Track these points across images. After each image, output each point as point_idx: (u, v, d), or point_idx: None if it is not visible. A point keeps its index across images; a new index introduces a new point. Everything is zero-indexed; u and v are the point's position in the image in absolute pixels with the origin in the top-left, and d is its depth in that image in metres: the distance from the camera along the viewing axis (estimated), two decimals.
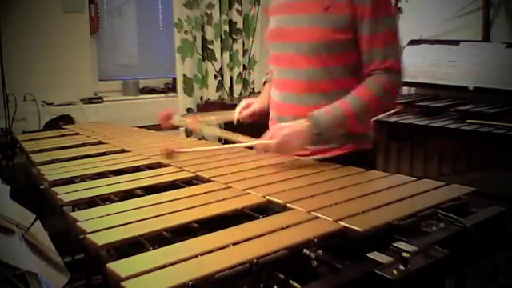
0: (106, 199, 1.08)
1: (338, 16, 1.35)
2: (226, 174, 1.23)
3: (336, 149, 1.44)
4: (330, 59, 1.39)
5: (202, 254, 0.73)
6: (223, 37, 3.34)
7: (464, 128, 1.89)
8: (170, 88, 3.43)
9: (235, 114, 1.71)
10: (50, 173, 1.32)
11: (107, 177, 1.28)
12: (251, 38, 3.46)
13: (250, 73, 3.52)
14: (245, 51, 3.49)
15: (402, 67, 1.38)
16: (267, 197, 1.02)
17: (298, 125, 1.31)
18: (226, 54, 3.37)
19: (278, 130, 1.30)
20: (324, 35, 1.37)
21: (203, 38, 3.28)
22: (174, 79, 3.32)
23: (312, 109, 1.38)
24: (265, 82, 1.74)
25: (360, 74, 1.40)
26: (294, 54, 1.44)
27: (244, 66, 3.50)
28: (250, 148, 1.44)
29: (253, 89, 3.53)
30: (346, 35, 1.37)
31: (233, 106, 2.54)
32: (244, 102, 1.72)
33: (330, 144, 1.43)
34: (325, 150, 1.44)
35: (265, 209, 0.99)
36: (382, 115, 2.22)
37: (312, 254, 0.74)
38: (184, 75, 3.22)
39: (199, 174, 1.25)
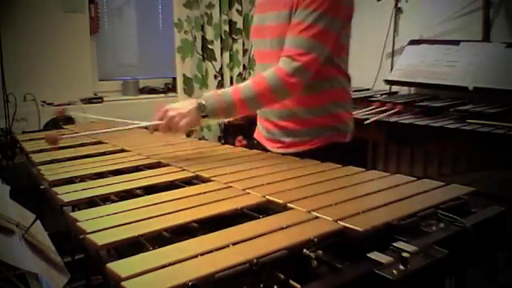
0: (105, 199, 1.08)
1: (291, 10, 1.42)
2: (226, 174, 1.23)
3: (308, 142, 1.50)
4: None
5: (201, 254, 0.73)
6: (223, 37, 3.34)
7: (464, 128, 1.89)
8: (170, 88, 3.43)
9: None
10: (50, 173, 1.32)
11: (107, 177, 1.28)
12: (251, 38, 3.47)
13: (250, 73, 3.52)
14: (245, 51, 3.49)
15: (306, 60, 1.35)
16: (267, 197, 1.02)
17: (185, 105, 1.37)
18: (226, 54, 3.37)
19: (166, 111, 1.37)
20: (283, 30, 1.43)
21: (203, 38, 3.28)
22: (174, 79, 3.32)
23: (289, 103, 1.48)
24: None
25: (337, 61, 1.47)
26: (268, 49, 1.51)
27: (244, 65, 3.50)
28: (146, 128, 1.49)
29: None
30: None
31: None
32: None
33: (300, 137, 1.51)
34: (296, 143, 1.51)
35: (265, 209, 0.99)
36: (381, 115, 2.22)
37: (312, 254, 0.74)
38: (184, 75, 3.22)
39: (199, 173, 1.25)
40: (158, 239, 0.83)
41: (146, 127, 1.45)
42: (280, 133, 1.55)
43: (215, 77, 3.35)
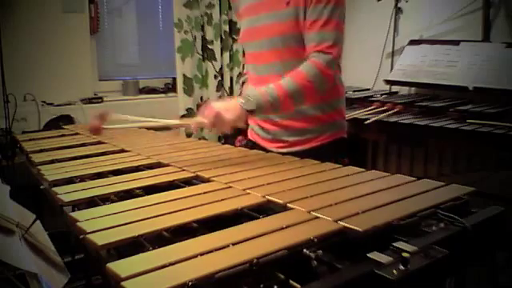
0: (105, 199, 1.08)
1: (297, 8, 1.44)
2: (226, 174, 1.23)
3: (313, 139, 1.52)
4: (299, 50, 1.46)
5: (201, 254, 0.73)
6: (223, 37, 3.34)
7: (464, 128, 1.89)
8: (170, 88, 3.43)
9: None
10: (50, 173, 1.32)
11: (107, 177, 1.28)
12: None
13: None
14: (245, 51, 3.49)
15: (336, 52, 1.42)
16: (267, 197, 1.02)
17: (230, 102, 1.37)
18: (226, 54, 3.37)
19: (212, 108, 1.33)
20: (289, 28, 1.45)
21: (203, 38, 3.28)
22: (174, 79, 3.32)
23: None
24: (243, 83, 1.80)
25: None
26: (265, 50, 1.53)
27: (244, 65, 3.50)
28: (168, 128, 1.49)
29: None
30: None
31: None
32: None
33: (306, 135, 1.52)
34: (302, 141, 1.53)
35: (265, 209, 0.99)
36: (381, 115, 2.22)
37: (312, 254, 0.74)
38: (184, 75, 3.22)
39: (199, 173, 1.25)
40: (158, 239, 0.83)
41: (178, 126, 1.42)
42: (283, 132, 1.55)
43: (215, 77, 3.35)
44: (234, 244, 0.77)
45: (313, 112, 1.52)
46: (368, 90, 2.89)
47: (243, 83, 1.81)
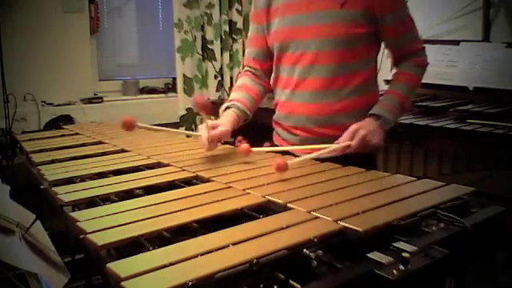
0: (106, 199, 1.08)
1: (354, 11, 1.42)
2: (226, 174, 1.23)
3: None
4: (347, 54, 1.45)
5: (201, 254, 0.73)
6: (223, 37, 3.34)
7: (464, 128, 1.89)
8: (170, 88, 3.43)
9: (204, 136, 1.41)
10: (50, 173, 1.32)
11: (107, 177, 1.27)
12: None
13: None
14: (245, 51, 3.49)
15: (423, 44, 1.53)
16: (267, 197, 1.02)
17: (370, 124, 1.38)
18: (226, 54, 3.37)
19: (356, 132, 1.35)
20: (342, 30, 1.43)
21: (203, 38, 3.28)
22: (174, 79, 3.32)
23: (328, 106, 1.47)
24: (227, 108, 1.58)
25: (372, 65, 1.54)
26: (310, 51, 1.47)
27: (244, 66, 3.49)
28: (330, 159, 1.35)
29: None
30: (362, 29, 1.43)
31: None
32: (209, 124, 1.42)
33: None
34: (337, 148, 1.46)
35: (265, 209, 0.99)
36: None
37: (312, 254, 0.74)
38: (184, 75, 3.22)
39: (199, 173, 1.25)
40: (158, 239, 0.83)
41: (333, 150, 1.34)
42: (315, 139, 1.48)
43: (215, 77, 3.35)
44: (233, 244, 0.77)
45: (346, 120, 1.45)
46: None
47: (227, 108, 1.58)
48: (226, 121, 1.53)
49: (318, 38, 1.45)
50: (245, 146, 1.35)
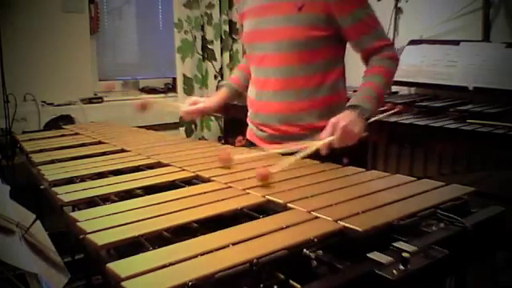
0: (106, 199, 1.08)
1: (312, 14, 1.44)
2: (226, 174, 1.23)
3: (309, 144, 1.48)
4: (307, 56, 1.48)
5: (201, 254, 0.73)
6: (223, 37, 3.34)
7: (464, 128, 1.89)
8: (170, 88, 3.43)
9: (182, 108, 1.80)
10: (50, 173, 1.32)
11: (107, 177, 1.28)
12: None
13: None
14: (245, 51, 3.49)
15: (391, 41, 1.57)
16: (267, 197, 1.02)
17: (349, 115, 1.36)
18: (226, 54, 3.37)
19: (336, 125, 1.33)
20: (300, 33, 1.46)
21: (203, 38, 3.28)
22: (174, 79, 3.32)
23: (289, 105, 1.51)
24: (220, 87, 1.88)
25: (338, 66, 1.54)
26: (271, 53, 1.52)
27: None
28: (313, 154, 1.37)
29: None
30: (322, 32, 1.46)
31: (233, 106, 2.55)
32: (192, 99, 1.82)
33: (302, 140, 1.46)
34: (298, 144, 1.48)
35: (265, 209, 0.99)
36: (382, 115, 2.22)
37: (312, 254, 0.74)
38: (184, 75, 3.22)
39: (199, 173, 1.25)
40: (158, 239, 0.83)
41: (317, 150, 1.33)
42: (281, 136, 1.54)
43: (215, 77, 3.34)
44: (233, 244, 0.77)
45: (309, 119, 1.51)
46: None
47: (221, 87, 1.89)
48: (212, 99, 1.83)
49: (277, 40, 1.50)
50: (224, 154, 1.33)
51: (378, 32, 1.50)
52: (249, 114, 1.69)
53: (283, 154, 1.36)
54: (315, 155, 1.34)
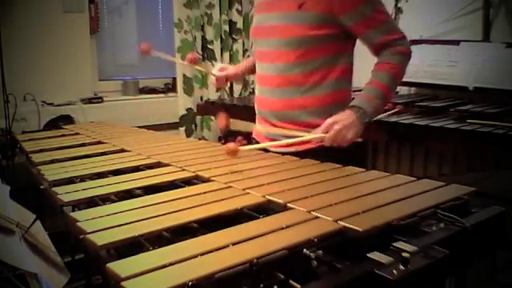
0: (105, 199, 1.08)
1: (312, 13, 1.43)
2: (226, 174, 1.23)
3: (307, 142, 1.48)
4: (305, 54, 1.47)
5: (201, 254, 0.73)
6: (223, 37, 3.34)
7: (464, 128, 1.89)
8: (170, 88, 3.43)
9: (214, 73, 1.82)
10: (50, 173, 1.32)
11: (107, 177, 1.28)
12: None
13: None
14: (245, 51, 3.49)
15: (403, 34, 1.49)
16: (267, 197, 1.02)
17: (348, 118, 1.36)
18: (226, 54, 3.37)
19: (332, 125, 1.34)
20: (299, 31, 1.45)
21: (203, 38, 3.28)
22: (174, 79, 3.32)
23: (286, 102, 1.51)
24: (248, 56, 1.94)
25: (341, 64, 1.51)
26: (271, 49, 1.53)
27: None
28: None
29: (253, 89, 3.53)
30: (322, 30, 1.44)
31: (233, 106, 2.55)
32: (219, 65, 1.87)
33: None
34: (296, 143, 1.49)
35: (265, 209, 0.99)
36: (382, 115, 2.22)
37: (312, 254, 0.74)
38: (184, 75, 3.22)
39: (199, 173, 1.25)
40: (158, 239, 0.83)
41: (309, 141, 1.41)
42: (281, 133, 1.55)
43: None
44: (234, 244, 0.77)
45: (306, 118, 1.51)
46: None
47: (248, 56, 1.93)
48: (238, 66, 1.88)
49: (277, 37, 1.50)
50: (232, 145, 1.33)
51: (388, 26, 1.47)
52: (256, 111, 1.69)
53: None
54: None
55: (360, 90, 1.50)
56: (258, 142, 1.67)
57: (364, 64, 1.58)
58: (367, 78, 1.49)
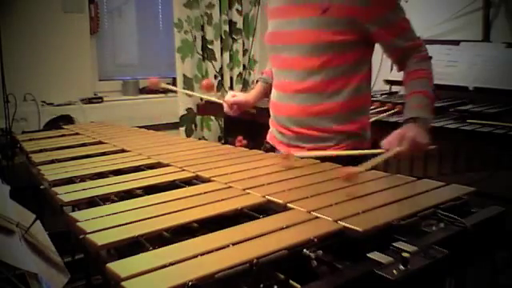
0: (106, 199, 1.08)
1: (337, 18, 1.39)
2: (226, 174, 1.23)
3: (330, 148, 1.47)
4: (329, 60, 1.43)
5: (201, 254, 0.73)
6: (223, 37, 3.34)
7: (464, 128, 1.89)
8: None
9: (226, 98, 1.77)
10: (50, 173, 1.32)
11: (107, 177, 1.28)
12: (251, 38, 3.46)
13: (249, 73, 3.52)
14: (245, 51, 3.49)
15: (421, 40, 1.51)
16: (267, 197, 1.02)
17: (413, 128, 1.33)
18: (226, 54, 3.37)
19: (403, 136, 1.30)
20: (323, 37, 1.41)
21: (203, 38, 3.28)
22: (174, 79, 3.32)
23: (306, 108, 1.47)
24: (257, 81, 1.83)
25: (362, 69, 1.48)
26: (292, 56, 1.48)
27: (244, 66, 3.50)
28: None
29: (253, 89, 3.53)
30: (346, 36, 1.40)
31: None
32: (231, 93, 1.79)
33: (326, 142, 1.48)
34: (318, 148, 1.48)
35: (265, 209, 0.99)
36: (381, 115, 2.23)
37: (312, 254, 0.74)
38: (184, 75, 3.22)
39: (199, 173, 1.25)
40: (158, 239, 0.83)
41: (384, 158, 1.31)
42: (299, 138, 1.51)
43: (215, 77, 3.35)
44: (234, 244, 0.77)
45: (325, 124, 1.48)
46: None
47: (257, 81, 1.84)
48: (251, 92, 1.83)
49: (299, 43, 1.46)
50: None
51: (412, 34, 1.47)
52: (271, 116, 1.65)
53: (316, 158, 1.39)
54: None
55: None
56: (272, 146, 1.63)
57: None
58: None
